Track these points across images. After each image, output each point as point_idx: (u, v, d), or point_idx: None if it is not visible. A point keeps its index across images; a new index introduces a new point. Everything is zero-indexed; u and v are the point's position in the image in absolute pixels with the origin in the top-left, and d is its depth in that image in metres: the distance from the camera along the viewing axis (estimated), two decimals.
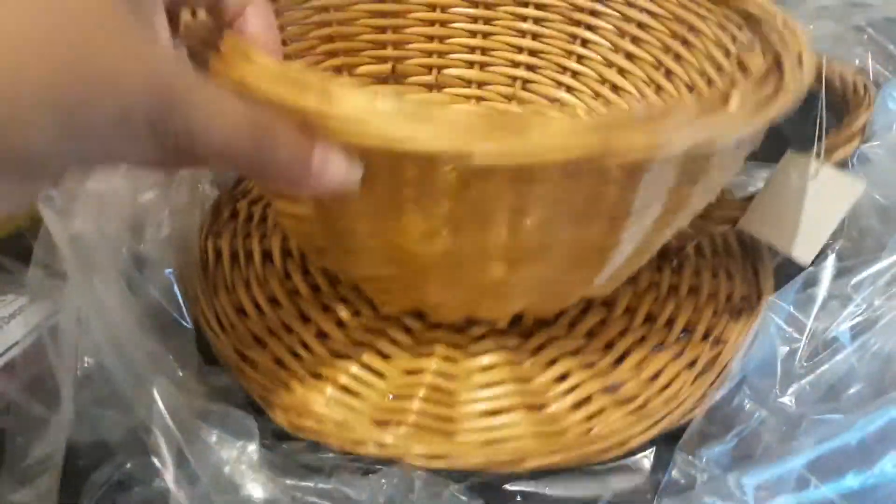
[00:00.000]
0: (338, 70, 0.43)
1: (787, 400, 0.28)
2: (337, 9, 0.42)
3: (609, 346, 0.35)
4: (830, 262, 0.31)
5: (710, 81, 0.37)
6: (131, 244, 0.32)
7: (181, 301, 0.32)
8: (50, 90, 0.17)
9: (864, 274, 0.30)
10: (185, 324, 0.31)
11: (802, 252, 0.35)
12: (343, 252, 0.30)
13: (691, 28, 0.39)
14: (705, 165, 0.26)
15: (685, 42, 0.39)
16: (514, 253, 0.26)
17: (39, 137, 0.17)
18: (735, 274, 0.39)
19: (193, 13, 0.27)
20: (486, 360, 0.34)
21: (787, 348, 0.31)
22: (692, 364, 0.34)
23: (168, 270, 0.32)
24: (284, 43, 0.40)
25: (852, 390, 0.28)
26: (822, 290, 0.31)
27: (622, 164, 0.22)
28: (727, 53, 0.36)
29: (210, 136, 0.20)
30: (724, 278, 0.39)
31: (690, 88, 0.39)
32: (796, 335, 0.31)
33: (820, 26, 0.42)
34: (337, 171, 0.23)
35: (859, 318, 0.30)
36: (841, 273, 0.31)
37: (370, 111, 0.22)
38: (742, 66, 0.34)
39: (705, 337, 0.35)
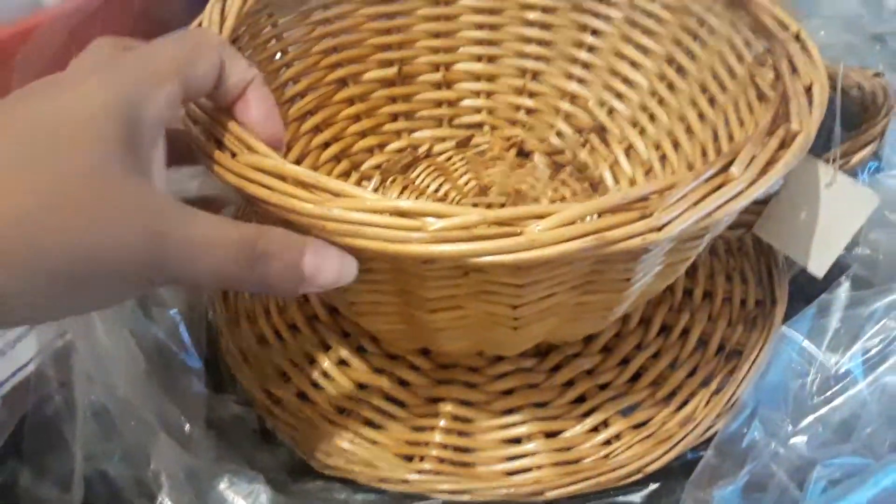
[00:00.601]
0: (342, 82, 0.43)
1: (799, 439, 0.28)
2: (339, 17, 0.41)
3: (624, 362, 0.36)
4: (844, 289, 0.31)
5: (722, 86, 0.36)
6: None
7: (187, 341, 0.33)
8: (51, 261, 0.18)
9: (878, 304, 0.30)
10: (191, 364, 0.33)
11: (816, 264, 0.34)
12: (352, 311, 0.31)
13: (703, 23, 0.37)
14: (712, 230, 0.26)
15: (697, 38, 0.38)
16: (519, 321, 0.27)
17: (36, 301, 0.18)
18: (749, 276, 0.39)
19: None
20: (504, 384, 0.35)
21: (799, 381, 0.31)
22: (707, 382, 0.34)
23: (173, 311, 0.33)
24: (287, 65, 0.40)
25: (866, 429, 0.28)
26: (834, 321, 0.30)
27: (620, 251, 0.22)
28: (740, 58, 0.35)
29: (201, 274, 0.21)
30: (738, 281, 0.38)
31: (703, 90, 0.38)
32: (808, 367, 0.31)
33: (833, 34, 0.40)
34: (330, 270, 0.23)
35: (873, 351, 0.30)
36: (854, 302, 0.31)
37: (365, 213, 0.23)
38: (753, 81, 0.33)
39: (720, 349, 0.36)
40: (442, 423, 0.34)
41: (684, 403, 0.34)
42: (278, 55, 0.39)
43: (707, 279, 0.39)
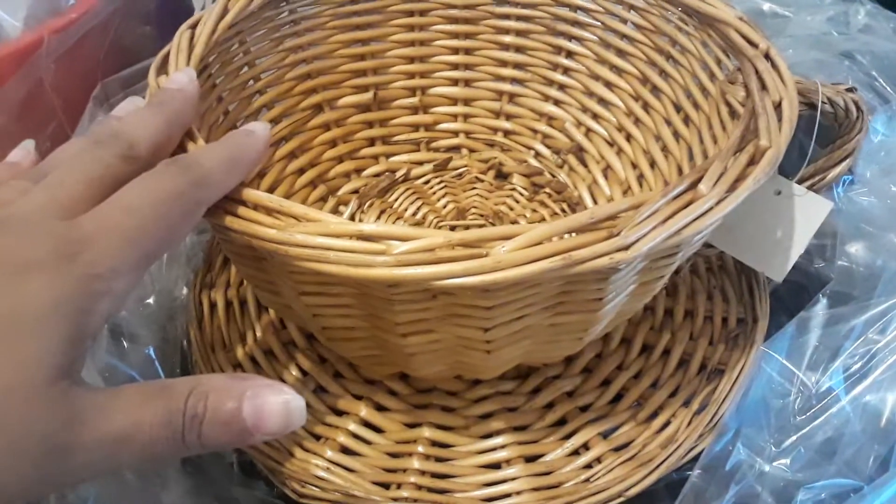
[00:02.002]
0: (317, 107, 0.43)
1: (783, 461, 0.28)
2: (312, 44, 0.42)
3: (605, 383, 0.35)
4: (822, 306, 0.31)
5: (696, 105, 0.36)
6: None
7: (162, 377, 0.32)
8: None
9: (857, 321, 0.30)
10: None
11: (774, 270, 0.34)
12: (326, 337, 0.30)
13: (675, 43, 0.37)
14: (684, 248, 0.25)
15: (670, 58, 0.38)
16: (491, 344, 0.27)
17: None
18: (731, 294, 0.38)
19: None
20: (483, 408, 0.34)
21: (781, 400, 0.30)
22: (688, 402, 0.34)
23: (148, 349, 0.33)
24: (260, 91, 0.40)
25: (850, 449, 0.28)
26: (813, 338, 0.30)
27: (587, 271, 0.22)
28: (712, 77, 0.35)
29: (126, 465, 0.21)
30: (719, 300, 0.38)
31: (678, 109, 0.38)
32: (789, 386, 0.31)
33: (801, 52, 0.40)
34: (275, 416, 0.21)
35: (853, 368, 0.29)
36: (833, 319, 0.31)
37: (328, 238, 0.22)
38: (725, 99, 0.33)
39: (702, 369, 0.35)
40: (420, 448, 0.33)
41: (666, 424, 0.33)
42: (251, 82, 0.39)
43: (688, 298, 0.39)
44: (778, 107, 0.28)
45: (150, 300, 0.36)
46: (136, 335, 0.34)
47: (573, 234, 0.22)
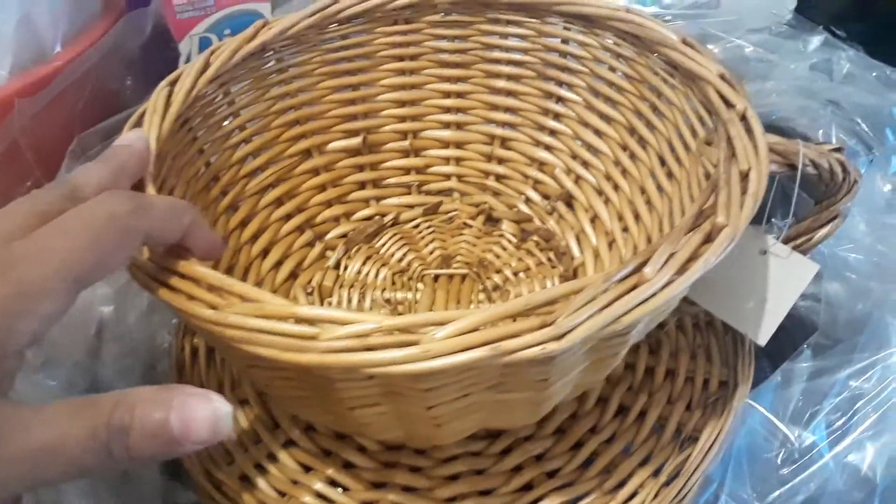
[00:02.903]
0: (306, 153, 0.43)
1: None
2: (300, 91, 0.42)
3: (577, 446, 0.34)
4: (805, 359, 0.30)
5: (678, 160, 0.35)
6: (86, 368, 0.33)
7: None
8: None
9: (839, 375, 0.30)
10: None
11: (757, 332, 0.33)
12: (283, 404, 0.30)
13: (661, 95, 0.37)
14: (634, 330, 0.25)
15: (656, 109, 0.37)
16: (438, 419, 0.26)
17: None
18: (715, 355, 0.37)
19: None
20: (450, 469, 0.34)
21: (765, 454, 0.30)
22: (658, 472, 0.33)
23: None
24: (246, 140, 0.40)
25: None
26: (797, 392, 0.30)
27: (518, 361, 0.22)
28: (694, 133, 0.34)
29: (52, 480, 0.20)
30: (702, 360, 0.37)
31: (662, 162, 0.37)
32: (773, 439, 0.31)
33: (786, 99, 0.39)
34: (202, 424, 0.21)
35: (836, 424, 0.29)
36: (817, 372, 0.30)
37: (262, 320, 0.22)
38: (701, 160, 0.32)
39: (676, 434, 0.34)
40: None
41: (633, 496, 0.32)
42: (235, 132, 0.39)
43: (671, 356, 0.38)
44: (745, 178, 0.27)
45: (130, 350, 0.36)
46: (114, 387, 0.34)
47: (506, 322, 0.22)
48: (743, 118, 0.30)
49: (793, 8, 0.47)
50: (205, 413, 0.21)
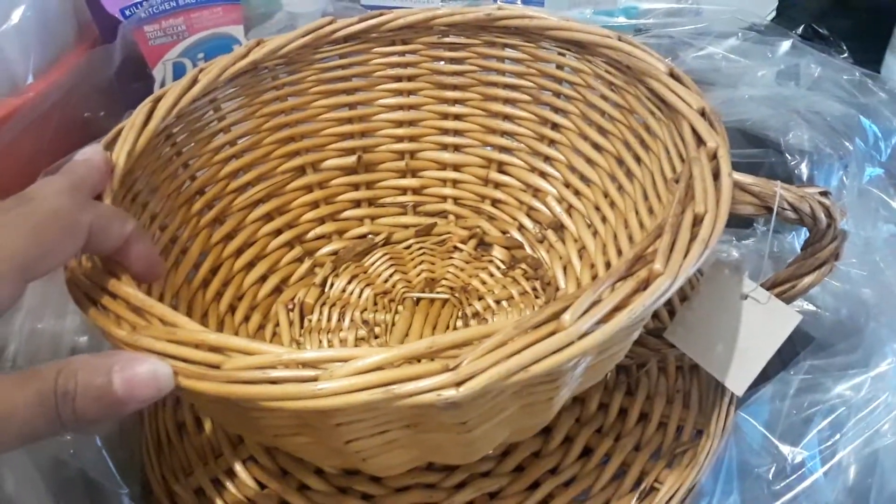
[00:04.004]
0: (300, 170, 0.43)
1: None
2: (296, 108, 0.42)
3: (534, 486, 0.33)
4: (799, 371, 0.29)
5: (658, 196, 0.34)
6: None
7: (112, 466, 0.33)
8: None
9: (833, 392, 0.28)
10: (117, 489, 0.33)
11: (733, 381, 0.32)
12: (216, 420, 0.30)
13: (648, 128, 0.35)
14: (556, 377, 0.24)
15: (642, 142, 0.36)
16: (361, 454, 0.26)
17: None
18: (693, 400, 0.36)
19: None
20: (402, 499, 0.33)
21: (756, 469, 0.30)
22: None
23: (97, 438, 0.33)
24: (236, 156, 0.40)
25: None
26: (790, 407, 0.29)
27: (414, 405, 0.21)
28: (673, 169, 0.33)
29: (5, 446, 0.21)
30: (679, 406, 0.35)
31: (645, 197, 0.36)
32: (764, 454, 0.30)
33: (752, 108, 0.38)
34: (145, 382, 0.22)
35: (829, 442, 0.27)
36: (809, 387, 0.29)
37: (171, 344, 0.22)
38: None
39: (637, 483, 0.33)
40: None
41: None
42: (226, 147, 0.40)
43: (647, 399, 0.36)
44: (699, 222, 0.26)
45: None
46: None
47: (407, 364, 0.21)
48: (714, 157, 0.29)
49: (771, 12, 0.45)
50: (145, 373, 0.22)
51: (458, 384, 0.21)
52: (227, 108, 0.39)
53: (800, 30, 0.43)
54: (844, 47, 0.42)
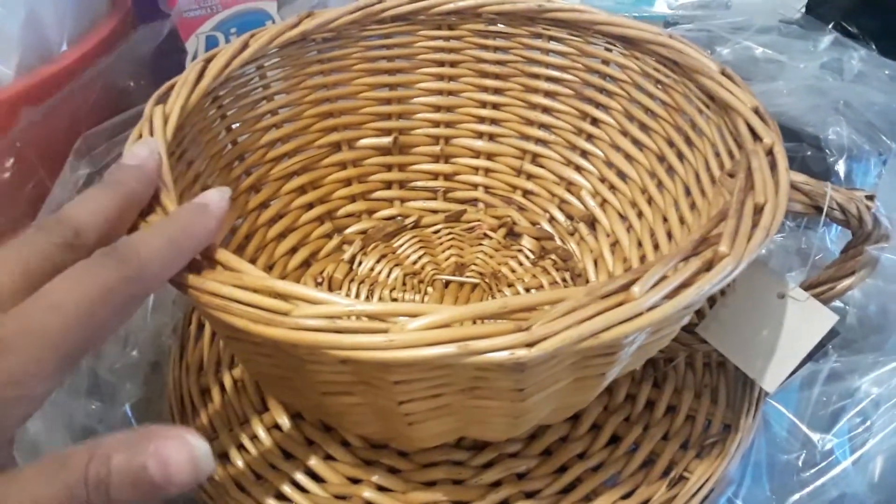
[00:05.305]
0: (336, 146, 0.43)
1: None
2: (338, 84, 0.42)
3: (561, 470, 0.33)
4: (829, 363, 0.29)
5: (703, 192, 0.34)
6: (86, 369, 0.33)
7: None
8: None
9: (863, 380, 0.28)
10: None
11: (766, 379, 0.32)
12: (264, 386, 0.30)
13: (694, 125, 0.36)
14: (621, 349, 0.24)
15: (687, 139, 0.36)
16: (410, 417, 0.26)
17: None
18: (721, 397, 0.36)
19: None
20: (428, 475, 0.33)
21: (785, 456, 0.30)
22: None
23: (126, 406, 0.33)
24: (276, 126, 0.40)
25: None
26: (820, 394, 0.29)
27: (486, 363, 0.21)
28: (722, 165, 0.33)
29: None
30: (707, 400, 0.36)
31: (688, 192, 0.36)
32: (794, 442, 0.30)
33: (798, 97, 0.38)
34: (183, 465, 0.20)
35: (859, 429, 0.28)
36: (839, 375, 0.29)
37: (237, 289, 0.22)
38: (722, 192, 0.31)
39: (666, 471, 0.33)
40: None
41: None
42: (267, 115, 0.40)
43: (675, 392, 0.36)
44: (759, 211, 0.26)
45: (135, 353, 0.36)
46: (115, 394, 0.34)
47: (481, 322, 0.21)
48: (769, 153, 0.29)
49: (802, 7, 0.45)
50: (182, 455, 0.20)
51: (530, 345, 0.21)
52: (272, 77, 0.39)
53: (829, 28, 0.43)
54: (874, 46, 0.42)
